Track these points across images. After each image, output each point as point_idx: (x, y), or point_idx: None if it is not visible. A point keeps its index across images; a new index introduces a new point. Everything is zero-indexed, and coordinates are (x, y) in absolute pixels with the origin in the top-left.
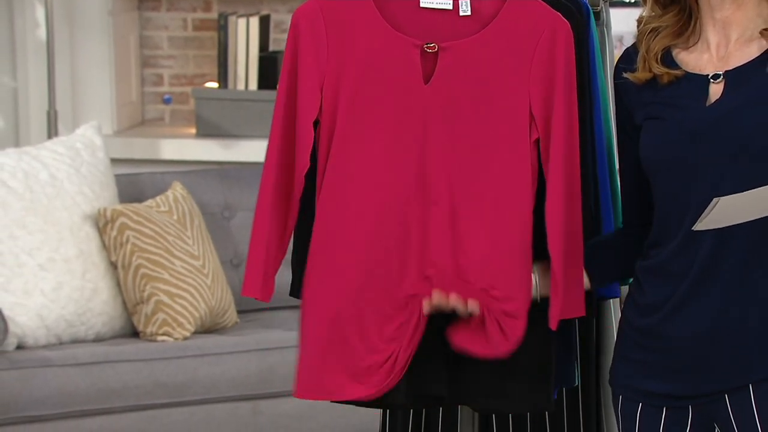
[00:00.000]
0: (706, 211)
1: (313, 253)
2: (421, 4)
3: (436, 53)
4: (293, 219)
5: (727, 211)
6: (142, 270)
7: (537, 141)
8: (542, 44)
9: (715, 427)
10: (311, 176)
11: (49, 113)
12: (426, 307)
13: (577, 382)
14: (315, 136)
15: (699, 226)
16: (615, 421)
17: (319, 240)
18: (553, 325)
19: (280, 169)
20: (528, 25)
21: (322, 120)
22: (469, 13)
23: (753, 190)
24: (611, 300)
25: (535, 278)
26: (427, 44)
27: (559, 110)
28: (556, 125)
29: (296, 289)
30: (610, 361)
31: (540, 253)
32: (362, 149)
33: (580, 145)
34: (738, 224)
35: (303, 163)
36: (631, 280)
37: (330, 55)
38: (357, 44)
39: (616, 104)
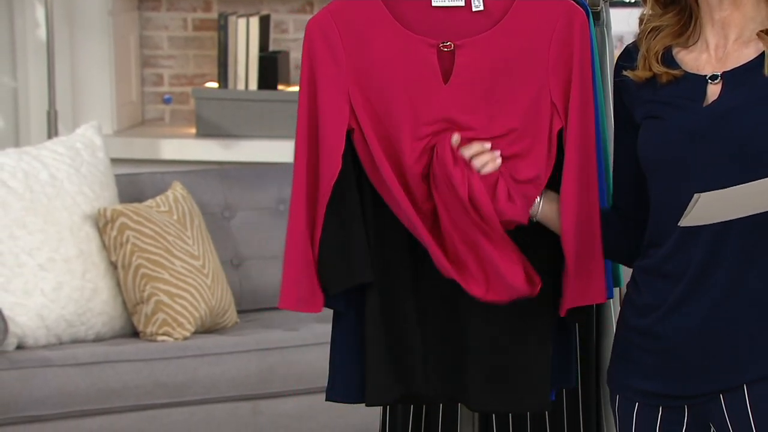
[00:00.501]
0: (689, 206)
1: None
2: (434, 3)
3: (453, 51)
4: (319, 228)
5: (711, 207)
6: (142, 270)
7: (561, 131)
8: (558, 34)
9: (710, 427)
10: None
11: (49, 113)
12: (454, 135)
13: (577, 383)
14: (353, 143)
15: (684, 222)
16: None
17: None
18: (562, 311)
19: (309, 180)
20: (542, 16)
21: (356, 126)
22: (481, 8)
23: (735, 186)
24: (611, 300)
25: (539, 199)
26: (443, 43)
27: (574, 98)
28: (571, 113)
29: None
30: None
31: (553, 248)
32: (388, 152)
33: None
34: (732, 225)
35: (332, 172)
36: (622, 282)
37: (348, 62)
38: (373, 48)
39: (615, 102)
